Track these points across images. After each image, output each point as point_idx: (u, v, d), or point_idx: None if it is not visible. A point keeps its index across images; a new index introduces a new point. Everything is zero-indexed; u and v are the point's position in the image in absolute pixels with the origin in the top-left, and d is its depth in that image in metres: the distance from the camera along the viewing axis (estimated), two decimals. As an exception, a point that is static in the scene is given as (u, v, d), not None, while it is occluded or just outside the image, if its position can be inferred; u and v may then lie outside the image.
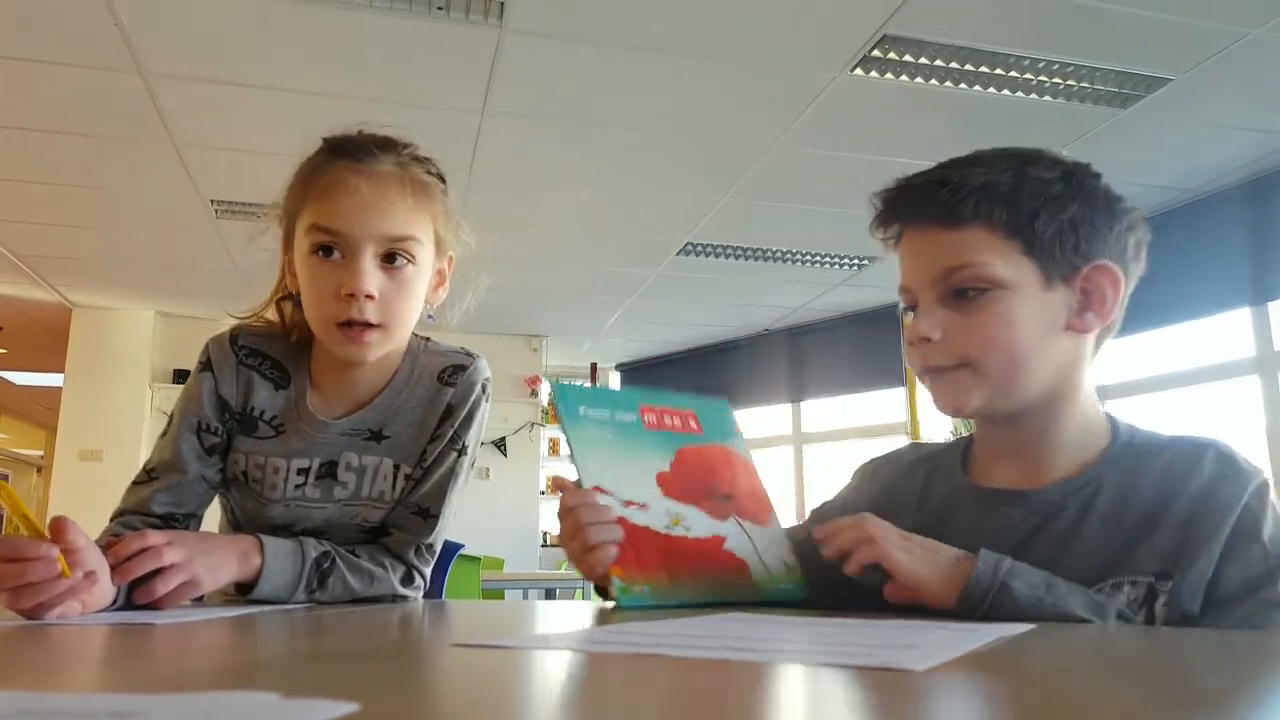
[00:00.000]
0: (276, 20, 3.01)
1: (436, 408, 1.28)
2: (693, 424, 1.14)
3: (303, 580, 1.17)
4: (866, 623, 0.76)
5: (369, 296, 1.12)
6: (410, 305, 1.19)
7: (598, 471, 1.02)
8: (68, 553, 0.90)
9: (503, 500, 7.14)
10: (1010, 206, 0.97)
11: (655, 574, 0.99)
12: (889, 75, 3.35)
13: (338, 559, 1.21)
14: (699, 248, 5.32)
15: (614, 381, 8.49)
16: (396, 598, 1.27)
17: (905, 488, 1.15)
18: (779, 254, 5.43)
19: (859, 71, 3.33)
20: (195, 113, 3.67)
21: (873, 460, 1.25)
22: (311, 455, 1.26)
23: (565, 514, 1.01)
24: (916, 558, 0.91)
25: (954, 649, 0.56)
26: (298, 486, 1.26)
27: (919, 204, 1.01)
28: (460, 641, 0.64)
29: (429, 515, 1.29)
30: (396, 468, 1.28)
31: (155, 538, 1.02)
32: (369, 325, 1.14)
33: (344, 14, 2.97)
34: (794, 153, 4.02)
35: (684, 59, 3.26)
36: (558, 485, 1.02)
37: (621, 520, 1.00)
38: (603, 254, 5.49)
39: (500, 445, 7.27)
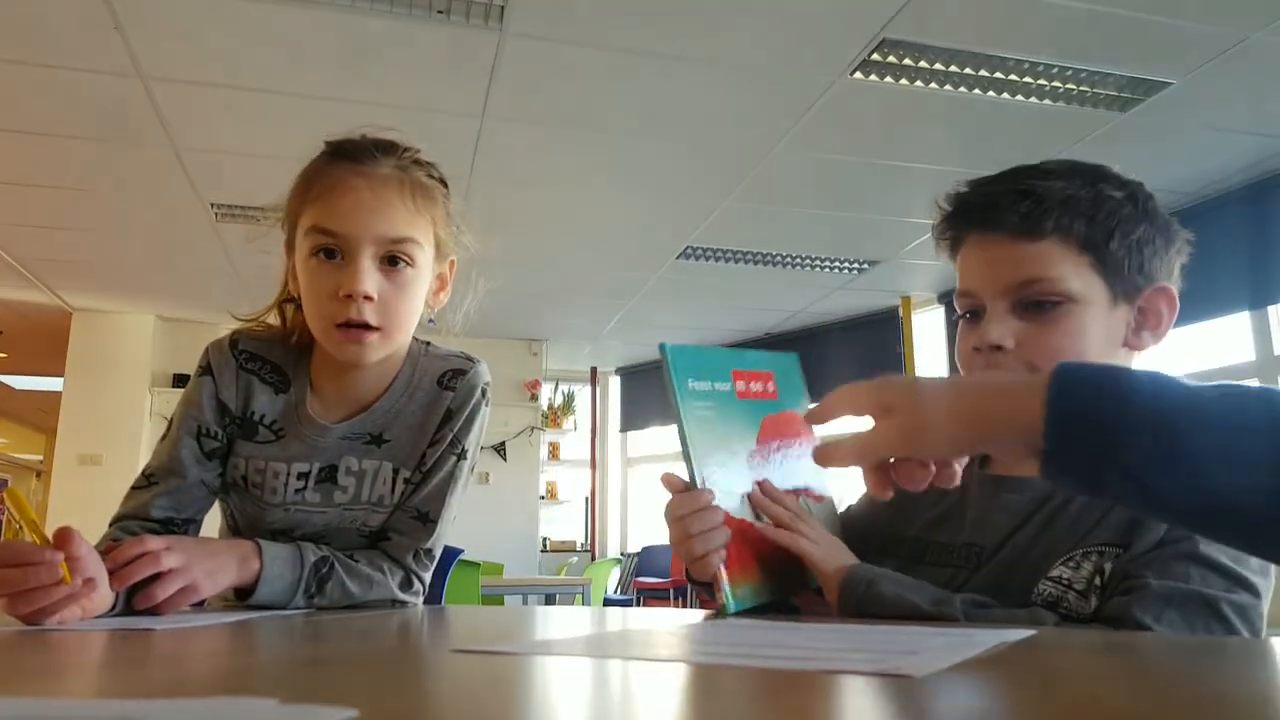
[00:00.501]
0: (277, 24, 3.02)
1: (436, 412, 1.28)
2: (770, 387, 1.13)
3: (301, 585, 1.17)
4: (862, 628, 0.76)
5: (368, 298, 1.13)
6: (409, 308, 1.19)
7: (707, 460, 0.99)
8: (69, 560, 0.90)
9: (503, 505, 7.13)
10: (1089, 223, 0.99)
11: (753, 572, 0.99)
12: (889, 79, 3.36)
13: (336, 564, 1.21)
14: (699, 251, 5.32)
15: (614, 386, 8.49)
16: (395, 603, 1.27)
17: None
18: (780, 258, 5.43)
19: (859, 75, 3.33)
20: (195, 116, 3.67)
21: None
22: (311, 459, 1.26)
23: (674, 521, 0.98)
24: (822, 548, 0.99)
25: (953, 655, 0.56)
26: (297, 491, 1.26)
27: (997, 212, 1.01)
28: (460, 647, 0.64)
29: (428, 520, 1.29)
30: (396, 471, 1.28)
31: (154, 543, 1.02)
32: (368, 327, 1.14)
33: (344, 18, 2.98)
34: (794, 156, 4.02)
35: (684, 63, 3.26)
36: (668, 484, 1.00)
37: (727, 518, 0.98)
38: (603, 257, 5.49)
39: (500, 450, 7.26)
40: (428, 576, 1.32)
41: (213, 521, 1.32)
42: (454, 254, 1.28)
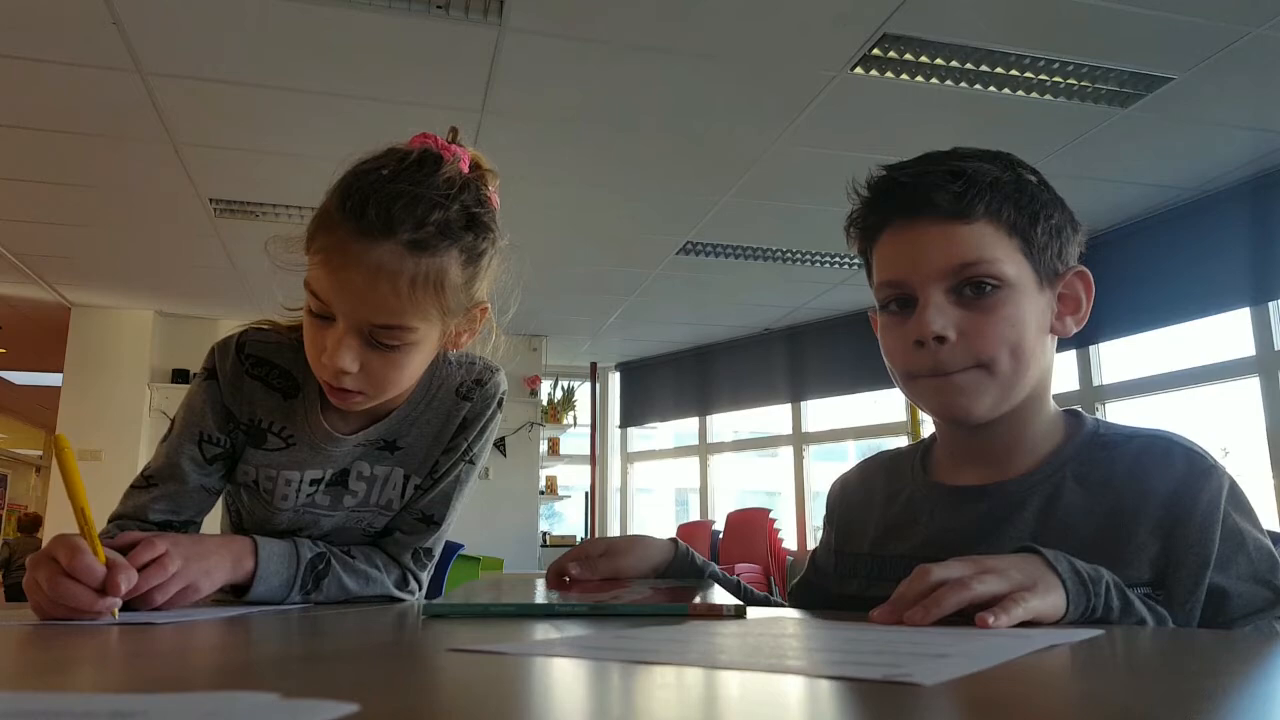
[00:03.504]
0: (275, 19, 3.01)
1: (452, 421, 1.26)
2: None
3: (297, 581, 1.16)
4: (908, 629, 0.70)
5: (345, 372, 1.07)
6: (400, 376, 1.12)
7: None
8: (111, 585, 0.88)
9: (502, 500, 7.14)
10: (1015, 207, 0.96)
11: None
12: (890, 74, 3.35)
13: (333, 560, 1.20)
14: (699, 247, 5.31)
15: (614, 381, 8.49)
16: (391, 599, 1.27)
17: (870, 488, 1.16)
18: (779, 253, 5.43)
19: (859, 70, 3.32)
20: (194, 111, 3.66)
21: (839, 478, 1.24)
22: (325, 466, 1.25)
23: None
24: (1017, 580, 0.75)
25: (988, 659, 0.52)
26: (308, 495, 1.25)
27: (928, 194, 0.96)
28: (459, 646, 0.64)
29: (432, 521, 1.29)
30: (406, 478, 1.27)
31: (159, 545, 1.00)
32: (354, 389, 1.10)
33: (343, 12, 2.97)
34: (794, 152, 4.02)
35: (684, 57, 3.26)
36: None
37: None
38: (602, 253, 5.49)
39: (500, 445, 7.27)
40: (425, 575, 1.31)
41: (212, 517, 1.32)
42: (484, 301, 1.20)
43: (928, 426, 1.11)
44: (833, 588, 1.14)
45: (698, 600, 0.88)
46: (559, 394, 7.98)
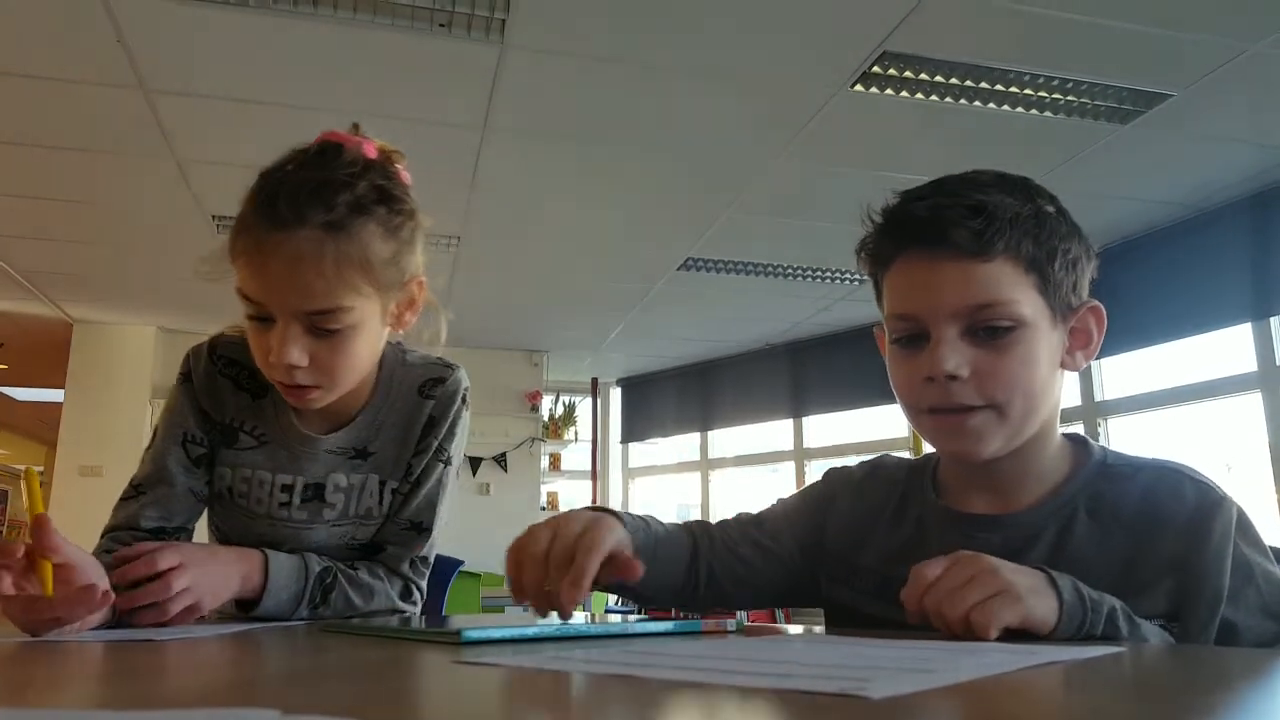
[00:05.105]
0: (278, 36, 3.03)
1: (418, 421, 1.27)
2: None
3: (306, 595, 1.17)
4: (887, 644, 0.74)
5: (295, 367, 1.08)
6: (350, 363, 1.13)
7: None
8: (61, 568, 0.88)
9: (503, 515, 7.11)
10: (1034, 242, 0.94)
11: None
12: (889, 91, 3.37)
13: (339, 574, 1.21)
14: (700, 263, 5.32)
15: (615, 397, 8.49)
16: (395, 612, 1.27)
17: (876, 494, 1.13)
18: (780, 269, 5.44)
19: (859, 88, 3.34)
20: (197, 128, 3.68)
21: (842, 471, 1.20)
22: (296, 474, 1.25)
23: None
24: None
25: (964, 674, 0.53)
26: (282, 505, 1.25)
27: (946, 229, 0.93)
28: (461, 659, 0.64)
29: (421, 529, 1.29)
30: (382, 484, 1.28)
31: (164, 560, 0.99)
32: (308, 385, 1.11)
33: (346, 30, 2.99)
34: (794, 168, 4.03)
35: (685, 75, 3.27)
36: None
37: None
38: (603, 269, 5.50)
39: (501, 460, 7.26)
40: (424, 584, 1.32)
41: (201, 527, 1.31)
42: (420, 274, 1.20)
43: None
44: (800, 577, 1.13)
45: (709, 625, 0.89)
46: (560, 409, 7.98)
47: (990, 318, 0.93)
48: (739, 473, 7.97)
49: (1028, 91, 3.35)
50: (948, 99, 3.41)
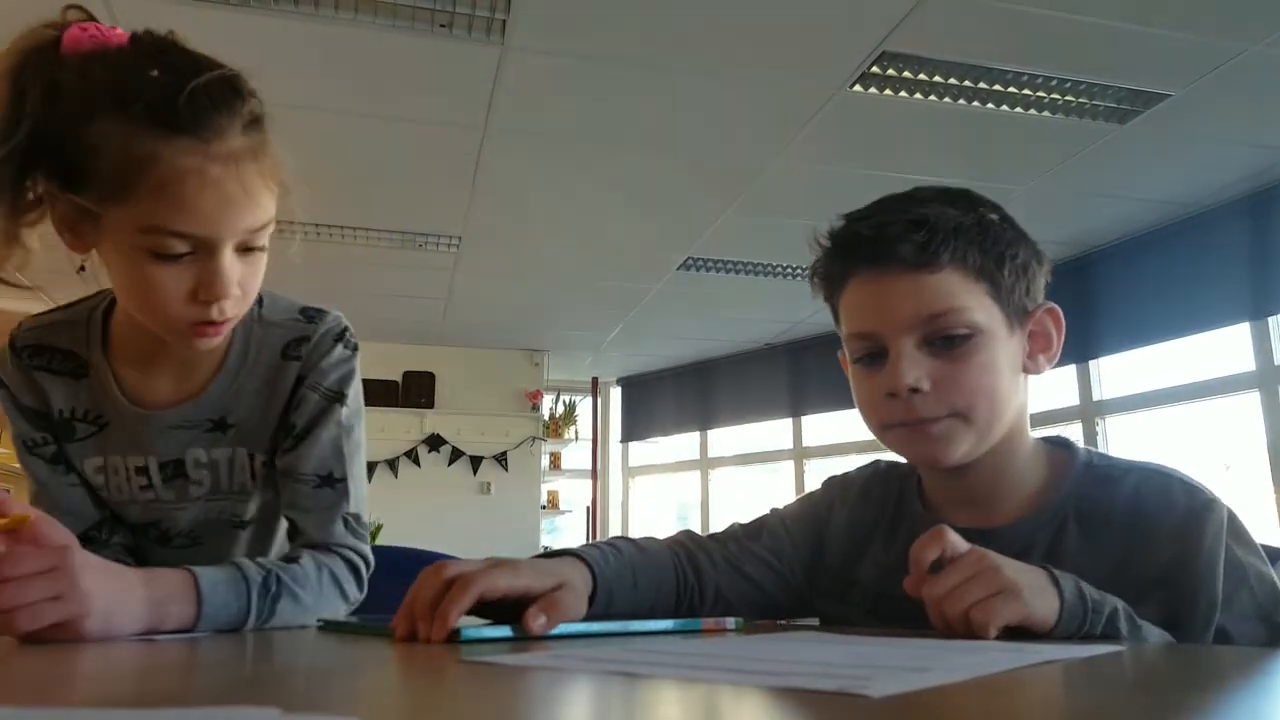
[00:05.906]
0: (277, 37, 3.03)
1: (283, 385, 1.13)
2: None
3: (252, 611, 0.96)
4: (890, 642, 0.75)
5: (231, 299, 0.97)
6: (259, 278, 1.03)
7: None
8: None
9: (504, 515, 7.12)
10: (980, 251, 0.96)
11: None
12: (888, 91, 3.37)
13: (281, 575, 1.01)
14: (700, 262, 5.32)
15: (615, 396, 8.49)
16: (345, 598, 1.09)
17: (875, 510, 1.13)
18: (780, 268, 5.44)
19: (858, 88, 3.34)
20: (198, 128, 3.67)
21: (840, 479, 1.20)
22: (146, 453, 1.13)
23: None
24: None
25: (963, 673, 0.53)
26: (143, 488, 1.14)
27: (891, 244, 0.95)
28: (460, 658, 0.64)
29: (334, 480, 1.12)
30: (251, 457, 1.15)
31: (51, 558, 0.80)
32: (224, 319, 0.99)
33: (347, 31, 2.99)
34: (794, 168, 4.03)
35: (684, 76, 3.27)
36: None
37: None
38: (604, 269, 5.50)
39: (501, 460, 7.26)
40: (367, 549, 1.13)
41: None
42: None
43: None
44: (800, 591, 1.12)
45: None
46: (560, 409, 7.98)
47: (945, 327, 0.94)
48: (738, 472, 7.97)
49: (1027, 91, 3.35)
50: (947, 99, 3.41)
